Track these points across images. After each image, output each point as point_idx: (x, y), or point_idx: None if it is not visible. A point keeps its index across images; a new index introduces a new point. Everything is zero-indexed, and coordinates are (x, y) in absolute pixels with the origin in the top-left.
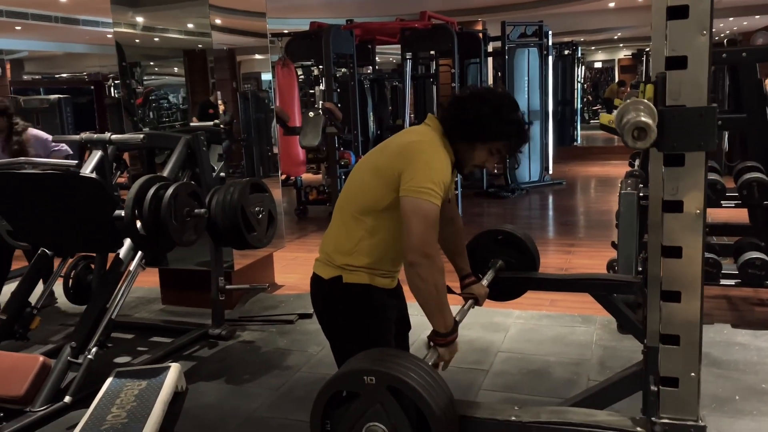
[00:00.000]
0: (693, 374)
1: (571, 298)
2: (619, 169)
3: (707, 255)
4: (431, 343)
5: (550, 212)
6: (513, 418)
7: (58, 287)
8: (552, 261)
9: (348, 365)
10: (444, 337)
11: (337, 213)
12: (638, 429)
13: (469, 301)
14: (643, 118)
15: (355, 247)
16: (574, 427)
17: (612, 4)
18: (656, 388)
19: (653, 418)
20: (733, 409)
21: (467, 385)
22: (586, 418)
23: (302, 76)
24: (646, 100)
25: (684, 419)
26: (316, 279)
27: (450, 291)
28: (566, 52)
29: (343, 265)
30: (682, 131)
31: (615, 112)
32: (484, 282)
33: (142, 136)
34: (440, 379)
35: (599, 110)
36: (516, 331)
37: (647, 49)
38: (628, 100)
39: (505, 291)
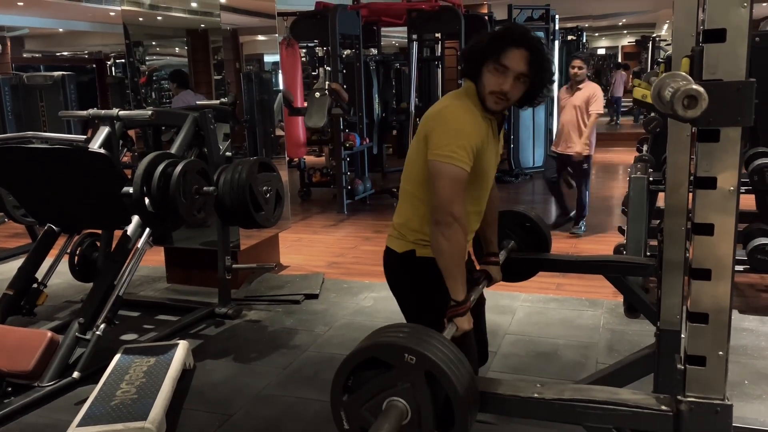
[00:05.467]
0: (721, 353)
1: (577, 282)
2: (620, 155)
3: None
4: (448, 317)
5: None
6: (536, 395)
7: (63, 264)
8: (558, 246)
9: (392, 337)
10: (459, 305)
11: (401, 189)
12: (663, 407)
13: (484, 281)
14: (694, 86)
15: (422, 223)
16: (598, 404)
17: None
18: (682, 367)
19: (679, 397)
20: (742, 393)
21: None
22: (611, 396)
23: (305, 57)
24: (683, 73)
25: (710, 398)
26: (390, 252)
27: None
28: (570, 37)
29: (416, 240)
30: (719, 106)
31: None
32: None
33: (150, 112)
34: (467, 363)
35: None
36: (523, 314)
37: (654, 35)
38: (664, 74)
39: (517, 272)
